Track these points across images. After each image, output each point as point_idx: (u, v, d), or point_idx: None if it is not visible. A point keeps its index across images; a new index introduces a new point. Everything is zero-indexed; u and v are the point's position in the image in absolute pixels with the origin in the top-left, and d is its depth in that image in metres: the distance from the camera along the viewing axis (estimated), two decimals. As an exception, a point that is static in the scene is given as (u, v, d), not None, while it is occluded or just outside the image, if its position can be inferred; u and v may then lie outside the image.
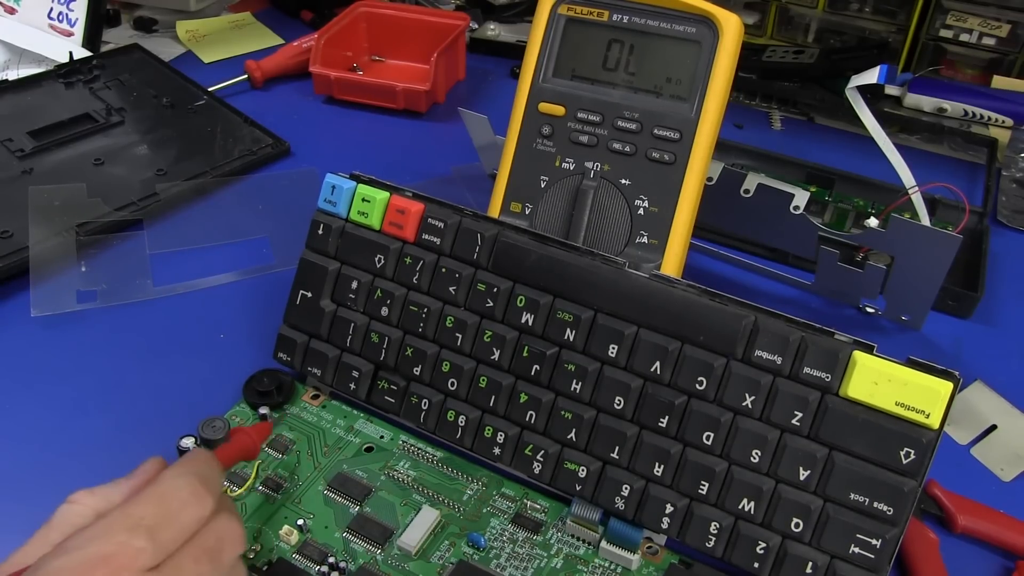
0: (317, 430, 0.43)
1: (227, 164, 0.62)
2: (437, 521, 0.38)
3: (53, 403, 0.45)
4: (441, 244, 0.42)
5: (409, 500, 0.40)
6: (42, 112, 0.64)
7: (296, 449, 0.42)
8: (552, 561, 0.37)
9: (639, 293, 0.38)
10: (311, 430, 0.43)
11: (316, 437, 0.42)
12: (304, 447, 0.42)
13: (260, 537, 0.38)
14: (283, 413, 0.44)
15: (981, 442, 0.44)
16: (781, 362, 0.36)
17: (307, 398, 0.44)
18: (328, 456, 0.42)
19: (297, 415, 0.43)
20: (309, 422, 0.43)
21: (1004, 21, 0.68)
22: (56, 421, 0.44)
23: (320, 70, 0.69)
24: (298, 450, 0.42)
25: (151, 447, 0.42)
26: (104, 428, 0.43)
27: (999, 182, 0.63)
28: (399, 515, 0.39)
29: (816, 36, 0.77)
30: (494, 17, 0.85)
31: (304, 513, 0.39)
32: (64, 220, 0.54)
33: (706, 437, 0.37)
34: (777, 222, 0.50)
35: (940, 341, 0.50)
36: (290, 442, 0.42)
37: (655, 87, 0.44)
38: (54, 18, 0.73)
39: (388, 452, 0.42)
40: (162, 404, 0.45)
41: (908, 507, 0.34)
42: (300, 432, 0.43)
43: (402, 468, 0.41)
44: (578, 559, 0.38)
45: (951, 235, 0.43)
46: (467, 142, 0.58)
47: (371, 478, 0.41)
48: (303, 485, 0.40)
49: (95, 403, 0.45)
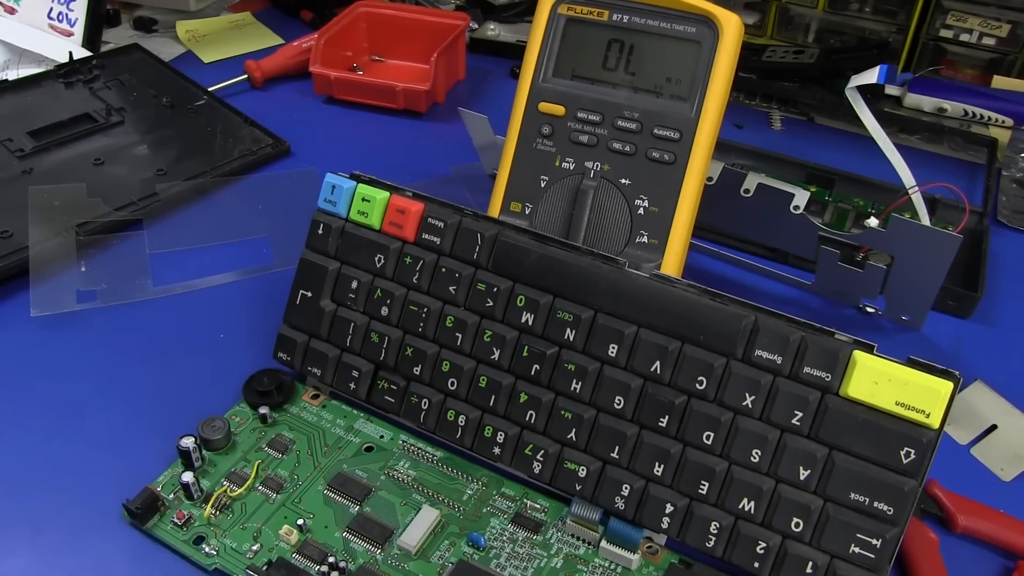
0: (317, 430, 0.43)
1: (227, 164, 0.62)
2: (437, 521, 0.38)
3: (52, 403, 0.45)
4: (441, 244, 0.42)
5: (409, 500, 0.40)
6: (42, 112, 0.64)
7: (296, 449, 0.42)
8: (552, 561, 0.37)
9: (639, 293, 0.38)
10: (311, 430, 0.43)
11: (316, 437, 0.42)
12: (304, 447, 0.42)
13: (260, 537, 0.38)
14: (283, 413, 0.44)
15: (981, 442, 0.44)
16: (781, 362, 0.36)
17: (307, 398, 0.44)
18: (328, 456, 0.42)
19: (297, 415, 0.43)
20: (309, 422, 0.43)
21: (1004, 21, 0.68)
22: (55, 421, 0.44)
23: (320, 70, 0.69)
24: (298, 450, 0.42)
25: (151, 447, 0.42)
26: (103, 428, 0.43)
27: (999, 182, 0.63)
28: (399, 515, 0.39)
29: (816, 36, 0.77)
30: (494, 17, 0.85)
31: (304, 513, 0.39)
32: (64, 220, 0.54)
33: (706, 437, 0.37)
34: (777, 222, 0.50)
35: (940, 341, 0.50)
36: (290, 442, 0.42)
37: (655, 87, 0.44)
38: (54, 18, 0.73)
39: (388, 452, 0.42)
40: (162, 404, 0.45)
41: (908, 507, 0.34)
42: (300, 432, 0.43)
43: (402, 468, 0.41)
44: (578, 559, 0.38)
45: (951, 235, 0.43)
46: (467, 142, 0.58)
47: (371, 478, 0.41)
48: (303, 485, 0.40)
49: (94, 403, 0.45)
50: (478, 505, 0.40)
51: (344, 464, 0.41)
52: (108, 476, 0.41)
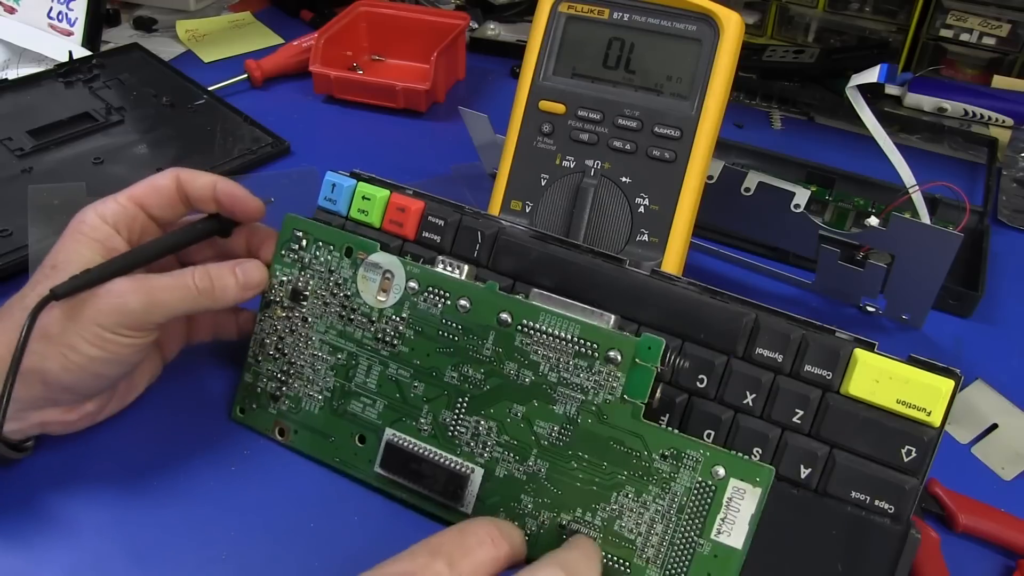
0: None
1: (227, 163, 0.61)
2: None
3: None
4: (441, 242, 0.42)
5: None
6: (42, 111, 0.64)
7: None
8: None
9: (640, 291, 0.38)
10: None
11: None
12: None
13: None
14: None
15: (982, 441, 0.44)
16: (782, 360, 0.36)
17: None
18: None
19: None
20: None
21: (1004, 21, 0.68)
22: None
23: (320, 69, 0.69)
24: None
25: (150, 446, 0.42)
26: (102, 428, 0.43)
27: (999, 181, 0.63)
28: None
29: (816, 36, 0.77)
30: (494, 17, 0.85)
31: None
32: (64, 219, 0.53)
33: (707, 435, 0.37)
34: (778, 221, 0.50)
35: (940, 340, 0.50)
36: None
37: (656, 85, 0.44)
38: (54, 17, 0.73)
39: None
40: (161, 403, 0.45)
41: (909, 505, 0.34)
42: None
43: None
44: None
45: (952, 233, 0.43)
46: (467, 141, 0.58)
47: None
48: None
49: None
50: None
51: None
52: (103, 474, 0.41)
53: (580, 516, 0.36)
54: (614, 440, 0.35)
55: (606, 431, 0.35)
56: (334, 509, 0.40)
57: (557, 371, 0.36)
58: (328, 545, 0.38)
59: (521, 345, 0.37)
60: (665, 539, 0.34)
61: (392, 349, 0.39)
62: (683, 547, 0.34)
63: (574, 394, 0.36)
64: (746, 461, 0.33)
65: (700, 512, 0.34)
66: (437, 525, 0.38)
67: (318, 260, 0.41)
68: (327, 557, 0.38)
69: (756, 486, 0.33)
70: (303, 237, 0.41)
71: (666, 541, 0.34)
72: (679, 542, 0.34)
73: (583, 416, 0.36)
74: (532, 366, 0.36)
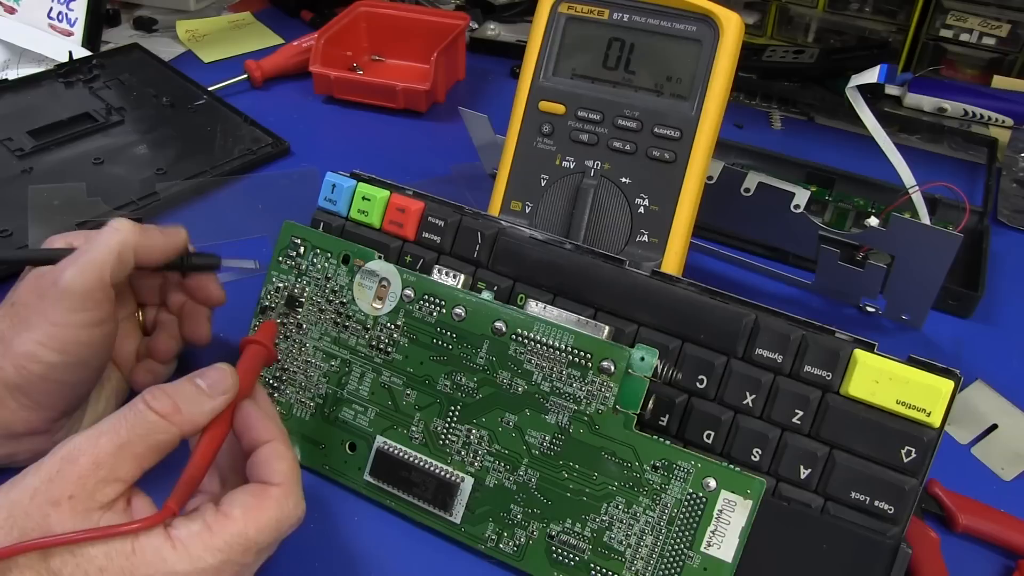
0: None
1: (227, 163, 0.62)
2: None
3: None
4: (441, 242, 0.42)
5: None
6: (42, 111, 0.64)
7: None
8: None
9: (640, 291, 0.38)
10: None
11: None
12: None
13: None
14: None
15: (981, 442, 0.44)
16: (782, 360, 0.36)
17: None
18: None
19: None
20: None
21: (1004, 21, 0.68)
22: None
23: (320, 70, 0.69)
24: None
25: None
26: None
27: (999, 182, 0.63)
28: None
29: (816, 36, 0.77)
30: (494, 17, 0.85)
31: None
32: (64, 219, 0.54)
33: (706, 436, 0.37)
34: (777, 221, 0.50)
35: (940, 340, 0.50)
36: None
37: (655, 85, 0.44)
38: (54, 18, 0.73)
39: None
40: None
41: (909, 506, 0.34)
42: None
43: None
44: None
45: (952, 234, 0.43)
46: (467, 141, 0.58)
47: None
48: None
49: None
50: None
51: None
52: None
53: (570, 527, 0.35)
54: (605, 450, 0.35)
55: (597, 441, 0.35)
56: (334, 510, 0.40)
57: (550, 380, 0.36)
58: (328, 545, 0.38)
59: (515, 354, 0.37)
60: (655, 551, 0.34)
61: (386, 356, 0.39)
62: (673, 559, 0.34)
63: (566, 404, 0.36)
64: (737, 473, 0.33)
65: (690, 524, 0.34)
66: (432, 530, 0.38)
67: (315, 267, 0.41)
68: (327, 557, 0.38)
69: (747, 498, 0.33)
70: (301, 244, 0.41)
71: (656, 553, 0.34)
72: (669, 554, 0.34)
73: (575, 426, 0.36)
74: (525, 375, 0.36)
